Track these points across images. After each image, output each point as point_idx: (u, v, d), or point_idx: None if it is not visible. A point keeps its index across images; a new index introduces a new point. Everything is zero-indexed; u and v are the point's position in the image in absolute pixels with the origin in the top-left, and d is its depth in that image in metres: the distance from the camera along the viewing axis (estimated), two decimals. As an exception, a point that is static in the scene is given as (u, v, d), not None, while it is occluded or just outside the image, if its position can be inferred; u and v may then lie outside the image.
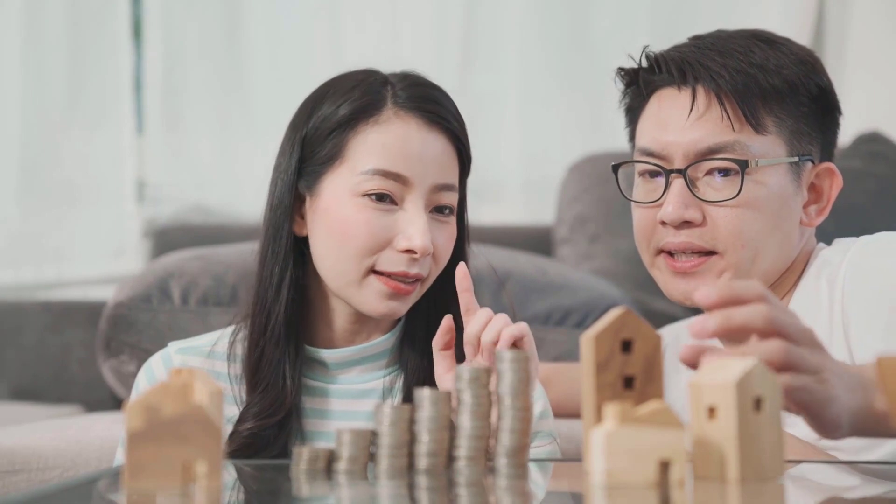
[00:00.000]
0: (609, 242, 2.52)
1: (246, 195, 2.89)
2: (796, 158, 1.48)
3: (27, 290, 2.93)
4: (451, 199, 1.45)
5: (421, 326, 1.49)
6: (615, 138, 2.86)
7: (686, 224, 1.47)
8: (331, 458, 1.08)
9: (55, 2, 2.94)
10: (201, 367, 1.46)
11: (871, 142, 2.44)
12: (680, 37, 1.57)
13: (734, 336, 1.01)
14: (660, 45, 1.57)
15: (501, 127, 2.94)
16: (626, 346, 0.99)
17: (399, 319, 1.51)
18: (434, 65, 2.93)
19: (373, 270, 1.42)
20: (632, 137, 1.58)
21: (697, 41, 1.52)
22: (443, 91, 1.49)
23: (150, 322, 2.14)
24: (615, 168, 1.57)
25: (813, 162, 1.50)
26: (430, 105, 1.46)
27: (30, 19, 2.94)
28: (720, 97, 1.46)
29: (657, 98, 1.52)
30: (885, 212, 2.34)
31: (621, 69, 1.57)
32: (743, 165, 1.45)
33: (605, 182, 2.57)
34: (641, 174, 1.53)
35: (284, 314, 1.44)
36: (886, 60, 2.81)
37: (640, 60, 1.55)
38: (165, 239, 2.77)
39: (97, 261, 2.97)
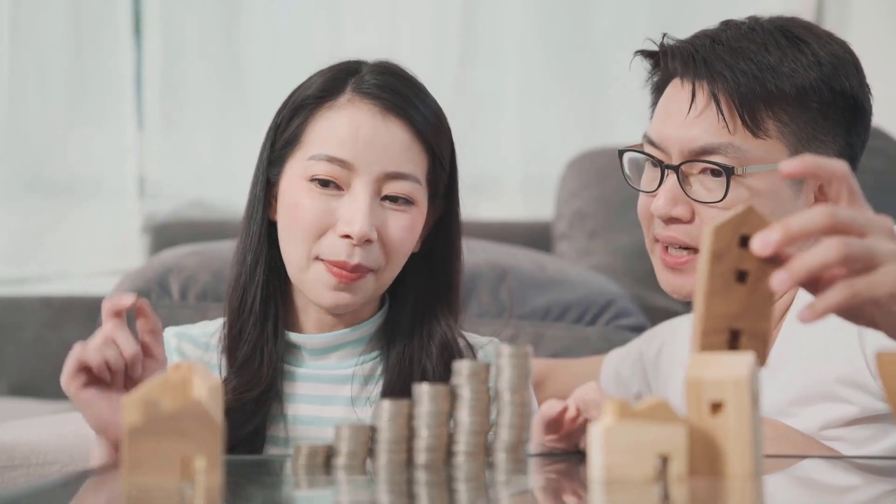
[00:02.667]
0: (608, 238, 2.52)
1: (245, 191, 2.85)
2: None
3: (27, 286, 2.93)
4: (405, 188, 1.43)
5: (406, 314, 1.49)
6: (614, 134, 2.86)
7: (674, 220, 1.47)
8: (329, 453, 1.08)
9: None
10: (195, 355, 1.49)
11: (870, 137, 2.44)
12: (679, 35, 1.55)
13: (800, 240, 0.99)
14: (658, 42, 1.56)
15: (500, 123, 2.94)
16: (745, 241, 0.99)
17: (382, 305, 1.51)
18: (433, 62, 2.94)
19: (317, 258, 1.42)
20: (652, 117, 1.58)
21: (719, 32, 1.49)
22: (413, 83, 1.48)
23: (149, 318, 2.14)
24: (621, 154, 1.56)
25: None
26: (387, 93, 1.44)
27: (30, 16, 2.94)
28: (717, 97, 1.44)
29: (671, 86, 1.51)
30: (884, 207, 2.33)
31: (642, 52, 1.55)
32: (729, 171, 1.43)
33: (604, 178, 2.57)
34: (646, 160, 1.52)
35: (261, 295, 1.45)
36: (885, 57, 2.81)
37: (663, 45, 1.52)
38: (164, 235, 2.77)
39: (97, 256, 2.97)
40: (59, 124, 2.95)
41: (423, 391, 1.06)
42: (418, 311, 1.47)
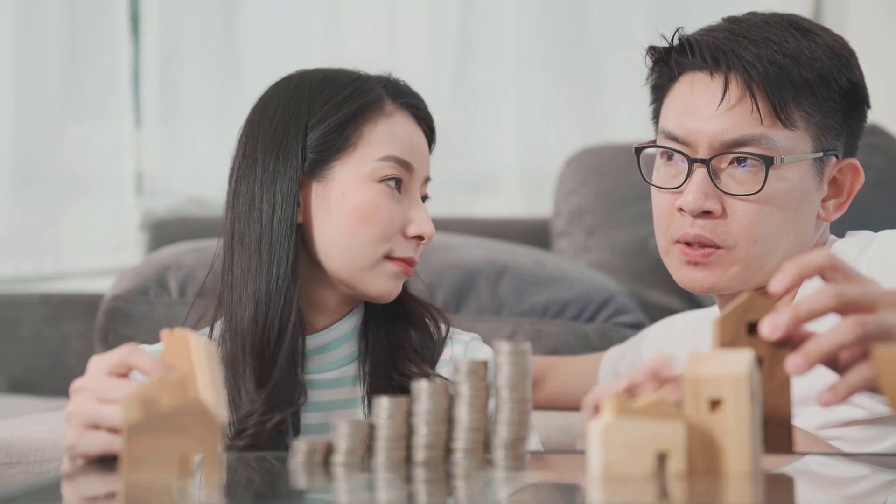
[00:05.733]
0: (606, 235, 2.52)
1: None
2: (821, 154, 1.46)
3: (25, 283, 2.93)
4: (427, 190, 1.53)
5: (378, 305, 1.51)
6: (612, 131, 2.87)
7: (705, 214, 1.45)
8: (328, 450, 1.08)
9: (53, -5, 2.94)
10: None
11: (869, 134, 2.43)
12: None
13: (808, 322, 0.99)
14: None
15: (499, 119, 2.94)
16: (752, 328, 1.00)
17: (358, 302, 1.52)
18: (431, 57, 2.94)
19: (386, 257, 1.46)
20: (655, 116, 1.55)
21: (732, 25, 1.49)
22: (417, 93, 1.55)
23: (147, 314, 2.14)
24: (637, 151, 1.54)
25: (837, 157, 1.48)
26: (416, 101, 1.52)
27: (28, 13, 2.94)
28: (752, 88, 1.43)
29: (688, 81, 1.49)
30: (883, 204, 2.34)
31: (652, 47, 1.53)
32: (769, 162, 1.42)
33: (603, 175, 2.57)
34: (662, 156, 1.50)
35: (297, 302, 1.44)
36: (884, 53, 2.81)
37: (672, 40, 1.51)
38: (163, 231, 2.77)
39: (96, 253, 2.97)
40: (56, 121, 2.95)
41: (422, 388, 1.06)
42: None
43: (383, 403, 1.06)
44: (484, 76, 2.95)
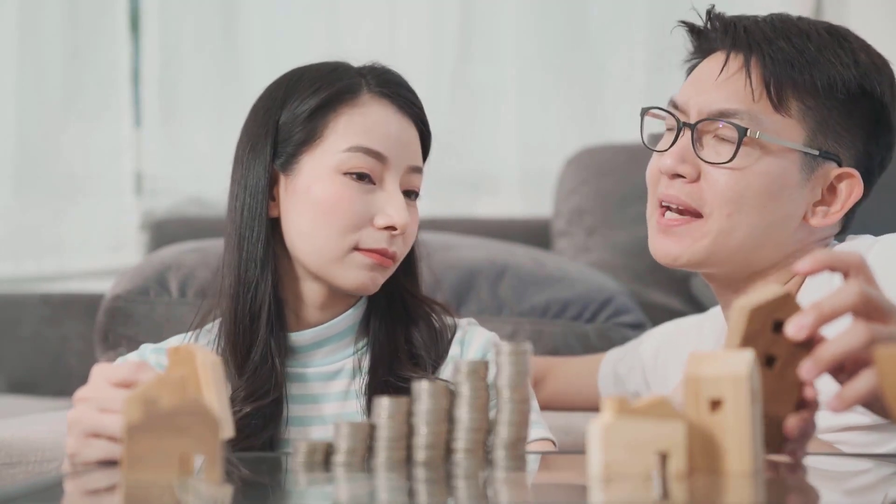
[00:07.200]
0: (607, 235, 2.52)
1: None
2: (815, 152, 1.45)
3: (25, 283, 2.93)
4: (419, 182, 1.50)
5: (381, 300, 1.51)
6: (612, 131, 2.86)
7: (678, 177, 1.47)
8: (329, 450, 1.08)
9: (53, -6, 2.94)
10: None
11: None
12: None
13: (833, 320, 1.00)
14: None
15: (499, 119, 2.94)
16: (777, 326, 1.00)
17: (360, 297, 1.53)
18: (431, 56, 2.94)
19: (355, 248, 1.45)
20: None
21: (769, 16, 1.51)
22: (405, 81, 1.53)
23: (147, 314, 2.14)
24: (643, 112, 1.56)
25: (839, 163, 1.48)
26: (402, 90, 1.50)
27: (28, 12, 2.94)
28: (749, 65, 1.45)
29: (706, 59, 1.52)
30: (883, 204, 2.33)
31: (683, 22, 1.55)
32: (742, 132, 1.43)
33: (603, 175, 2.57)
34: (667, 127, 1.53)
35: (272, 292, 1.46)
36: (884, 53, 2.80)
37: (709, 13, 1.53)
38: (163, 231, 2.77)
39: (96, 253, 2.97)
40: (56, 120, 2.95)
41: (423, 388, 1.06)
42: (391, 294, 1.51)
43: (384, 403, 1.06)
44: (484, 76, 2.95)
